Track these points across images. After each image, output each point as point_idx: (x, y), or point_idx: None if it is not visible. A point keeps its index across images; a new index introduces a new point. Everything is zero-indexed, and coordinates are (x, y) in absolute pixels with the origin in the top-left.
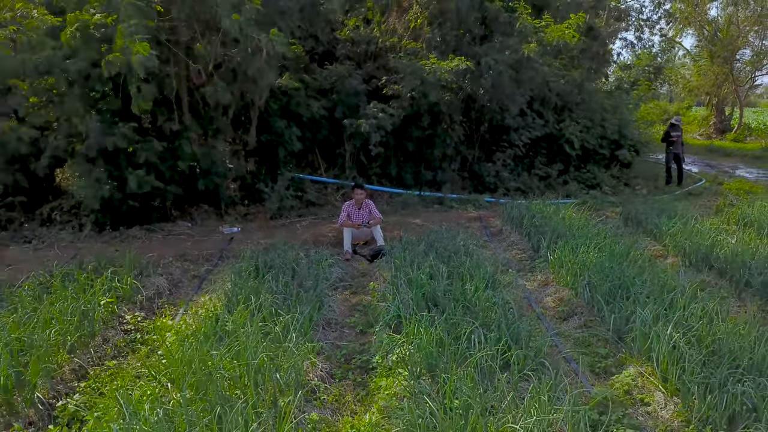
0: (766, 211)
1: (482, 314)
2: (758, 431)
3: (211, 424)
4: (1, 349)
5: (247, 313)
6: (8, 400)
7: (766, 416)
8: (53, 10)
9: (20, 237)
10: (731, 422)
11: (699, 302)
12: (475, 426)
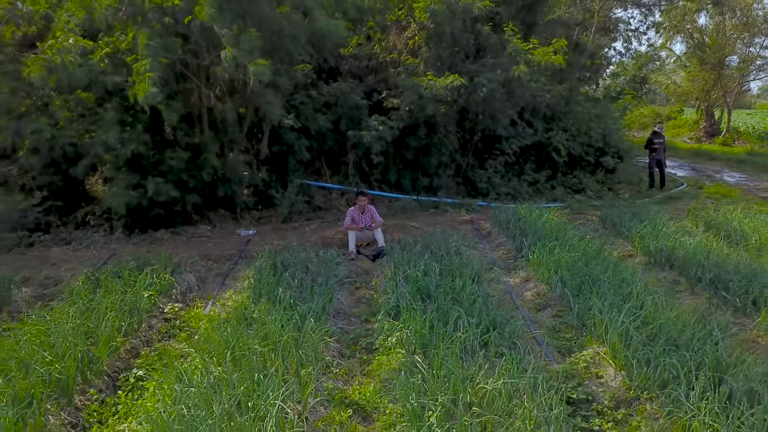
0: (729, 215)
1: (467, 304)
2: (679, 392)
3: (248, 389)
4: (74, 333)
5: (269, 304)
6: (83, 372)
7: (686, 381)
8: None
9: (60, 239)
10: (662, 387)
11: (651, 295)
12: (456, 388)
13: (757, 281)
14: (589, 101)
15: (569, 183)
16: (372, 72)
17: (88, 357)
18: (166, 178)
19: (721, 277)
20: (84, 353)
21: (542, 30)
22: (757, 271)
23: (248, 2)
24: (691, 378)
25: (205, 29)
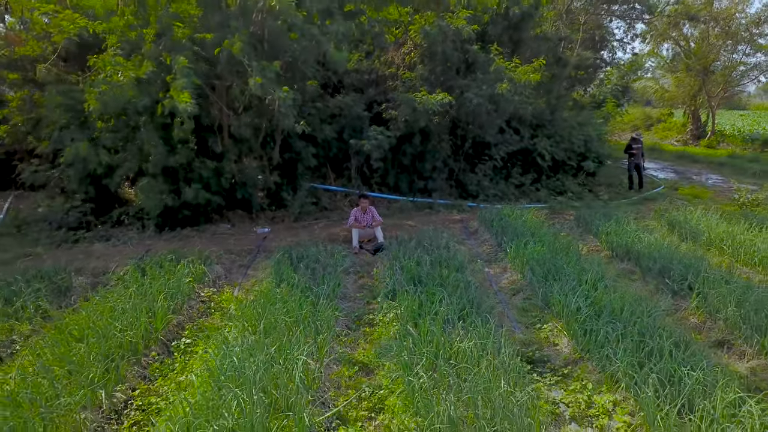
0: (689, 215)
1: (451, 289)
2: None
3: (279, 349)
4: (135, 309)
5: (288, 287)
6: (145, 339)
7: (617, 344)
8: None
9: (99, 236)
10: (600, 349)
11: (603, 281)
12: (437, 347)
13: (695, 270)
14: (574, 108)
15: (553, 185)
16: (372, 84)
17: (148, 328)
18: (197, 183)
19: (667, 267)
20: (146, 325)
21: (528, 45)
22: (697, 262)
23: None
24: (621, 342)
25: (231, 58)
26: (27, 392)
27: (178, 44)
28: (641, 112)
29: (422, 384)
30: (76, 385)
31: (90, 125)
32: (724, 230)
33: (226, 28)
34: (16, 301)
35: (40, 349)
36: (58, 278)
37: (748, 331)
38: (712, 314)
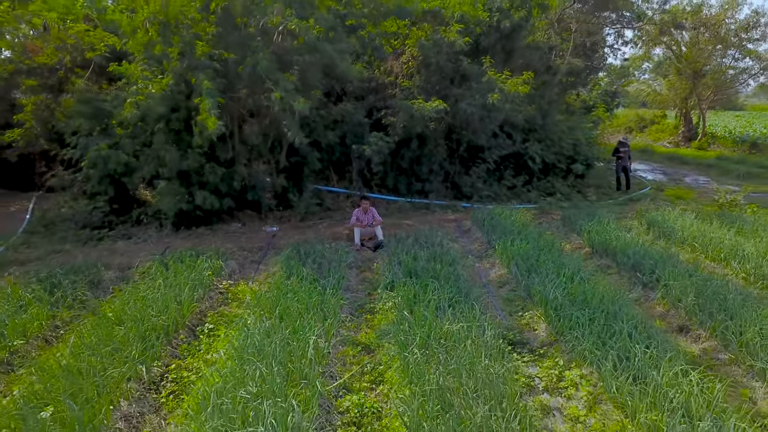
0: (666, 214)
1: (444, 280)
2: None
3: (292, 331)
4: (166, 298)
5: (298, 279)
6: (176, 324)
7: (585, 327)
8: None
9: (121, 235)
10: (572, 332)
11: (580, 274)
12: (429, 329)
13: (664, 265)
14: (565, 113)
15: (543, 187)
16: (372, 92)
17: (176, 315)
18: (206, 188)
19: (640, 262)
20: (174, 312)
21: (520, 54)
22: (667, 257)
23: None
24: (589, 326)
25: (254, 74)
26: (80, 365)
27: (200, 62)
28: (635, 114)
29: (416, 359)
30: (120, 361)
31: (110, 132)
32: (697, 229)
33: (246, 47)
34: (57, 291)
35: (84, 332)
36: (90, 272)
37: (704, 317)
38: (675, 303)
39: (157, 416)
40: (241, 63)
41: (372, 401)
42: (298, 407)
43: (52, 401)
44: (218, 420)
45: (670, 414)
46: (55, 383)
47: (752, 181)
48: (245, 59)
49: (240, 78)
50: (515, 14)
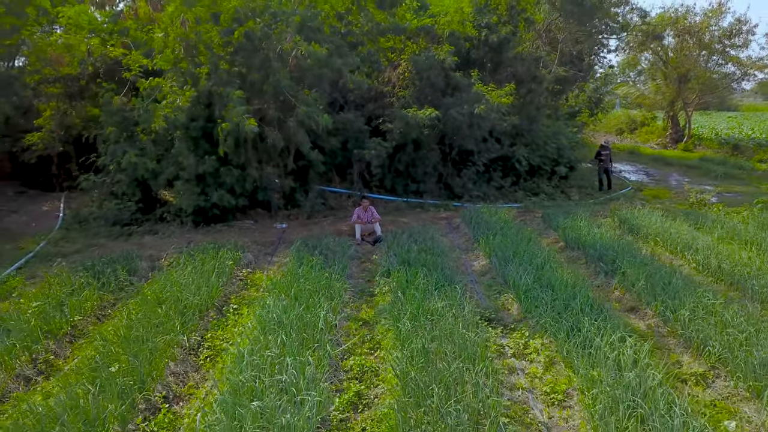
0: (636, 213)
1: (432, 269)
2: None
3: (305, 309)
4: (196, 282)
5: (308, 268)
6: (205, 304)
7: (548, 306)
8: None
9: (148, 230)
10: (537, 310)
11: (549, 263)
12: (418, 306)
13: (624, 256)
14: (552, 117)
15: (529, 188)
16: (372, 100)
17: (205, 296)
18: (223, 188)
19: (604, 253)
20: (205, 293)
21: (507, 65)
22: (629, 249)
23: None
24: (551, 305)
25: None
26: (134, 335)
27: (228, 79)
28: (627, 116)
29: (406, 329)
30: (164, 332)
31: (135, 138)
32: (660, 225)
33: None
34: (101, 278)
35: (131, 310)
36: (126, 262)
37: (651, 299)
38: (629, 288)
39: (197, 373)
40: (264, 81)
41: (371, 362)
42: (313, 363)
43: (116, 361)
44: (251, 371)
45: (606, 369)
46: (116, 348)
47: (728, 182)
48: (267, 78)
49: (262, 94)
50: (502, 30)
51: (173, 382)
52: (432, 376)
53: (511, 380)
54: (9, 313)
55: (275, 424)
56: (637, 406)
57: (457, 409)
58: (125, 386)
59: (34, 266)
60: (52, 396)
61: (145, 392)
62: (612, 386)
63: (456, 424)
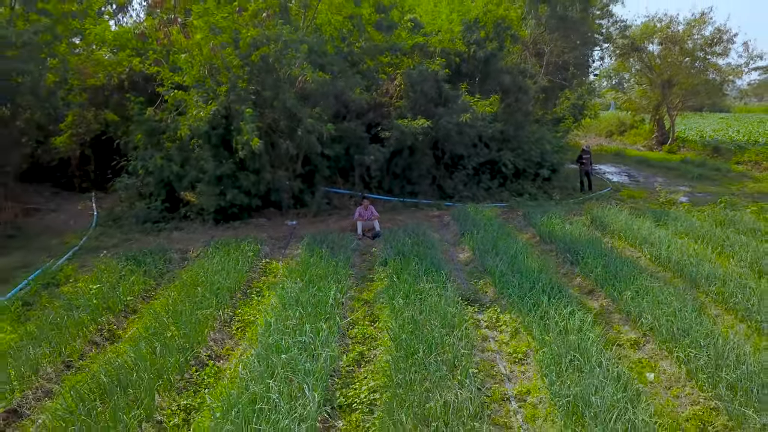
0: (606, 212)
1: (423, 258)
2: (513, 291)
3: (317, 290)
4: (224, 269)
5: (318, 257)
6: (233, 287)
7: (517, 288)
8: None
9: (174, 227)
10: (508, 291)
11: (521, 254)
12: (409, 287)
13: (588, 248)
14: (538, 122)
15: (514, 189)
16: (371, 110)
17: (233, 280)
18: (239, 189)
19: (572, 246)
20: (233, 278)
21: (494, 77)
22: (594, 243)
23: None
24: (520, 287)
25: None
26: (179, 308)
27: (244, 96)
28: (617, 119)
29: (399, 305)
30: (203, 309)
31: (162, 146)
32: (625, 222)
33: (278, 87)
34: (142, 266)
35: (173, 291)
36: (161, 253)
37: (605, 283)
38: (588, 275)
39: (232, 340)
40: (274, 99)
41: (371, 331)
42: (326, 328)
43: (168, 329)
44: (277, 335)
45: (555, 334)
46: (166, 319)
47: (703, 183)
48: (278, 96)
49: (273, 109)
50: (489, 45)
51: (214, 346)
52: (419, 339)
53: (483, 345)
54: (73, 294)
55: (299, 370)
56: (575, 359)
57: (437, 362)
58: (178, 347)
59: (81, 257)
60: (122, 355)
61: (194, 352)
62: (558, 346)
63: (435, 371)
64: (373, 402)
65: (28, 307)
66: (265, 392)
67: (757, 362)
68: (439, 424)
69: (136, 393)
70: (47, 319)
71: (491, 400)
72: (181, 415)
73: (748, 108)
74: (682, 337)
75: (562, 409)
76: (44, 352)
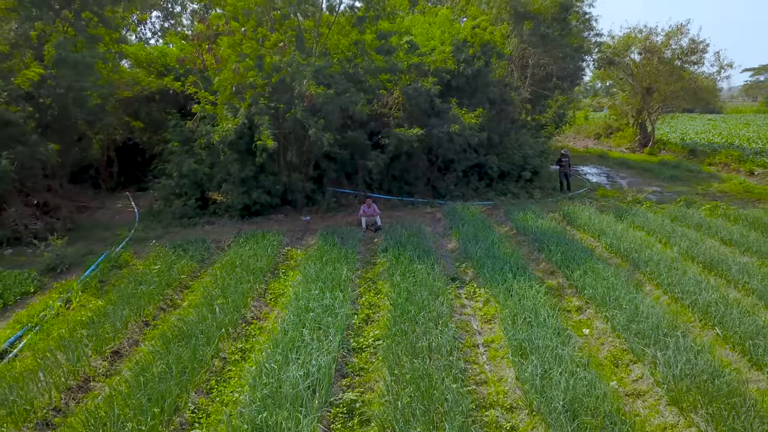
0: (575, 208)
1: (417, 247)
2: (487, 270)
3: (332, 270)
4: (257, 255)
5: (331, 245)
6: (264, 268)
7: (491, 269)
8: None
9: (206, 222)
10: (483, 270)
11: (498, 243)
12: (406, 269)
13: (553, 238)
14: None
15: (499, 189)
16: (373, 120)
17: (264, 263)
18: (261, 189)
19: (540, 237)
20: (264, 261)
21: (482, 91)
22: (559, 234)
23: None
24: (493, 268)
25: (296, 119)
26: (224, 284)
27: (262, 109)
28: (604, 122)
29: (397, 281)
30: (243, 284)
31: (194, 152)
32: (589, 217)
33: (291, 102)
34: (188, 252)
35: (216, 272)
36: (200, 243)
37: (563, 266)
38: (550, 259)
39: (267, 307)
40: (287, 111)
41: (375, 300)
42: (342, 296)
43: (217, 299)
44: (304, 301)
45: (516, 302)
46: (215, 291)
47: (673, 183)
48: (289, 109)
49: (286, 120)
50: (476, 63)
51: (255, 311)
52: (411, 303)
53: (462, 310)
54: (137, 273)
55: (323, 323)
56: (528, 318)
57: (425, 318)
58: (228, 311)
59: (133, 246)
60: (186, 316)
61: (241, 314)
62: (516, 309)
63: (423, 323)
64: (377, 346)
65: (102, 283)
66: (300, 336)
67: (662, 316)
68: (425, 358)
69: (206, 338)
70: (124, 292)
71: (465, 345)
72: (239, 354)
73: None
74: (611, 304)
75: (513, 348)
76: (127, 314)
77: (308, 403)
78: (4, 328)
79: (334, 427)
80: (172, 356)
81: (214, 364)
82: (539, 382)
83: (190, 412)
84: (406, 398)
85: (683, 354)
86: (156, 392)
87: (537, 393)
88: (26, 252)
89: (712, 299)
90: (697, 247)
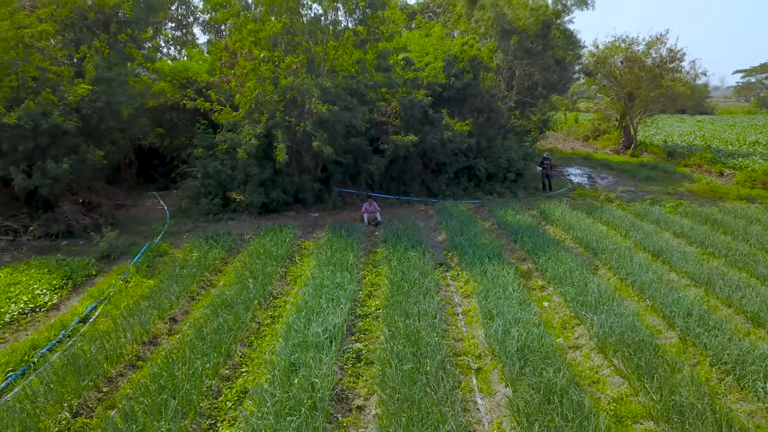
0: (552, 206)
1: (411, 239)
2: (468, 259)
3: (341, 256)
4: (278, 245)
5: (338, 237)
6: (283, 256)
7: (472, 255)
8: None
9: (229, 218)
10: (466, 257)
11: (480, 235)
12: (401, 256)
13: (528, 231)
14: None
15: (487, 189)
16: (373, 127)
17: (283, 251)
18: (278, 189)
19: (517, 230)
20: (282, 250)
21: (471, 100)
22: (533, 228)
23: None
24: (475, 255)
25: (305, 131)
26: (252, 268)
27: (280, 123)
28: (591, 124)
29: (394, 265)
30: (268, 267)
31: (217, 155)
32: (561, 214)
33: (302, 117)
34: (219, 242)
35: (244, 258)
36: (227, 236)
37: (533, 254)
38: (523, 248)
39: (288, 286)
40: (297, 124)
41: (376, 280)
42: (349, 276)
43: (248, 279)
44: (318, 280)
45: (489, 281)
46: (245, 273)
47: (648, 183)
48: (301, 122)
49: (297, 132)
50: (465, 76)
51: (279, 288)
52: (405, 280)
53: (447, 288)
54: (177, 260)
55: (335, 296)
56: (498, 293)
57: (416, 292)
58: (259, 287)
59: (169, 238)
60: (225, 293)
61: (269, 290)
62: (489, 287)
63: (414, 296)
64: (378, 314)
65: (150, 268)
66: (318, 305)
67: (605, 291)
68: (415, 319)
69: (244, 306)
70: (171, 273)
71: (447, 314)
72: (270, 320)
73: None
74: (567, 282)
75: (483, 314)
76: (178, 289)
77: (327, 350)
78: (82, 302)
79: (346, 367)
80: (220, 319)
81: (251, 326)
82: (501, 336)
83: (239, 357)
84: (400, 346)
85: (614, 318)
86: (214, 342)
87: (498, 343)
88: (78, 243)
89: (649, 279)
90: (650, 239)
